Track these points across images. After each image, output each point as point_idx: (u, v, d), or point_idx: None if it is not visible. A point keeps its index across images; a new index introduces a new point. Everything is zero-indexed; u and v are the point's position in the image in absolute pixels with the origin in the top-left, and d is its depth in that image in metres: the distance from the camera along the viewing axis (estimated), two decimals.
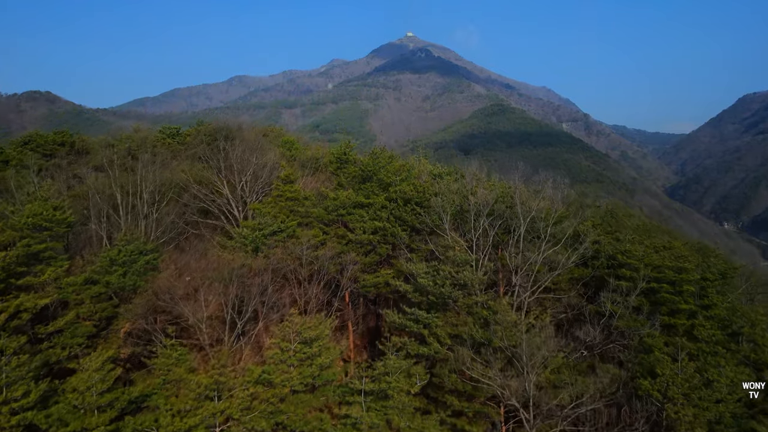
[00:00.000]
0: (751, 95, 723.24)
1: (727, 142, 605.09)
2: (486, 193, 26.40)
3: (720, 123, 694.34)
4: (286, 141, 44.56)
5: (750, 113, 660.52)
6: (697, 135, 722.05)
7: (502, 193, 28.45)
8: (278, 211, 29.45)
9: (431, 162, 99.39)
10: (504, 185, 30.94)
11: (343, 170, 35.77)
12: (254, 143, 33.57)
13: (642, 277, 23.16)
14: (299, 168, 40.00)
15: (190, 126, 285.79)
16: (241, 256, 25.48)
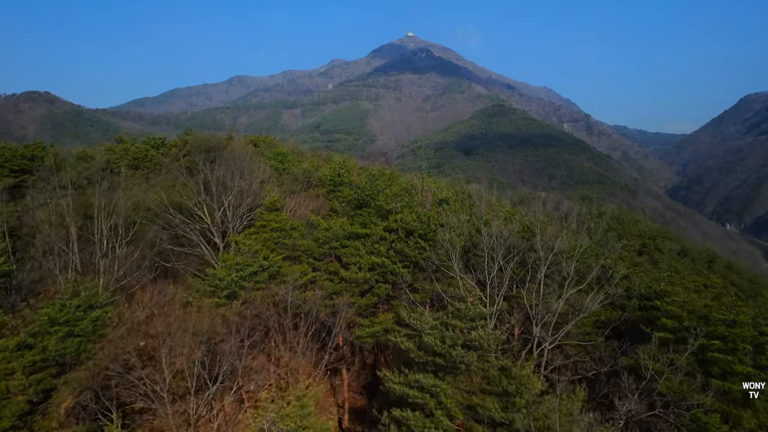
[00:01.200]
0: (752, 95, 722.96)
1: (728, 142, 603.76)
2: (500, 224, 23.09)
3: (721, 123, 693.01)
4: (278, 153, 40.97)
5: (752, 113, 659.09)
6: (698, 135, 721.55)
7: (521, 226, 24.69)
8: (261, 244, 25.78)
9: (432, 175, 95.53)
10: (519, 213, 27.46)
11: (337, 193, 32.32)
12: (239, 161, 30.34)
13: (690, 332, 19.26)
14: (293, 181, 36.74)
15: (190, 126, 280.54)
16: (215, 302, 22.04)
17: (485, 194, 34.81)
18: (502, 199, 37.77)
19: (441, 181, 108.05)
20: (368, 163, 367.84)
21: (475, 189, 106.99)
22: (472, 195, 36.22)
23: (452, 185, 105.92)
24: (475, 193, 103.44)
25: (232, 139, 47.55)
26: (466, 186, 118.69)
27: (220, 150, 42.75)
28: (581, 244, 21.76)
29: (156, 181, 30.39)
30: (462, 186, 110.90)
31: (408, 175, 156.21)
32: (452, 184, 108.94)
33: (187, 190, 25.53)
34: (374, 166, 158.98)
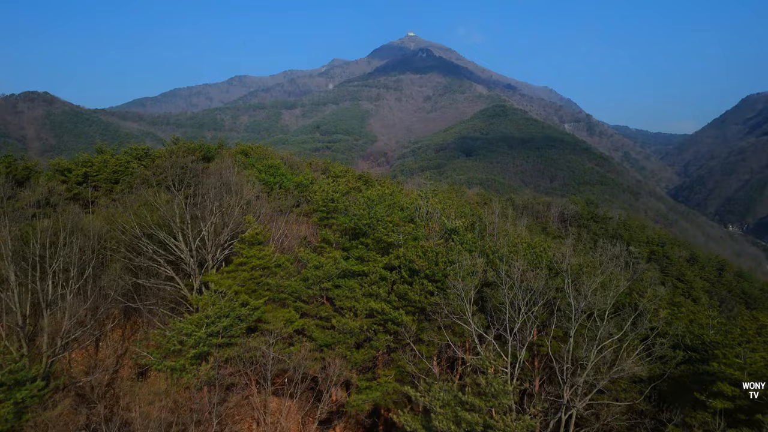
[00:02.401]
0: (754, 96, 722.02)
1: (730, 143, 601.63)
2: (523, 265, 19.60)
3: (723, 124, 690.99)
4: (270, 166, 37.50)
5: (754, 114, 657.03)
6: (700, 136, 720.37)
7: (547, 269, 20.90)
8: (241, 285, 22.16)
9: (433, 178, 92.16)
10: (541, 245, 23.69)
11: (330, 220, 28.24)
12: (225, 177, 27.22)
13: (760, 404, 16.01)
14: (285, 195, 33.62)
15: (190, 126, 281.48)
16: (180, 364, 17.94)
17: (497, 218, 30.96)
18: (518, 224, 33.34)
19: (441, 186, 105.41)
20: (369, 163, 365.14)
21: (479, 196, 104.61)
22: (483, 217, 32.63)
23: (452, 191, 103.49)
24: (479, 199, 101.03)
25: (223, 148, 44.38)
26: (466, 191, 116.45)
27: (211, 158, 39.75)
28: (618, 286, 18.57)
29: (129, 201, 26.99)
30: (462, 191, 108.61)
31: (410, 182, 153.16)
32: (452, 189, 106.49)
33: (156, 216, 22.17)
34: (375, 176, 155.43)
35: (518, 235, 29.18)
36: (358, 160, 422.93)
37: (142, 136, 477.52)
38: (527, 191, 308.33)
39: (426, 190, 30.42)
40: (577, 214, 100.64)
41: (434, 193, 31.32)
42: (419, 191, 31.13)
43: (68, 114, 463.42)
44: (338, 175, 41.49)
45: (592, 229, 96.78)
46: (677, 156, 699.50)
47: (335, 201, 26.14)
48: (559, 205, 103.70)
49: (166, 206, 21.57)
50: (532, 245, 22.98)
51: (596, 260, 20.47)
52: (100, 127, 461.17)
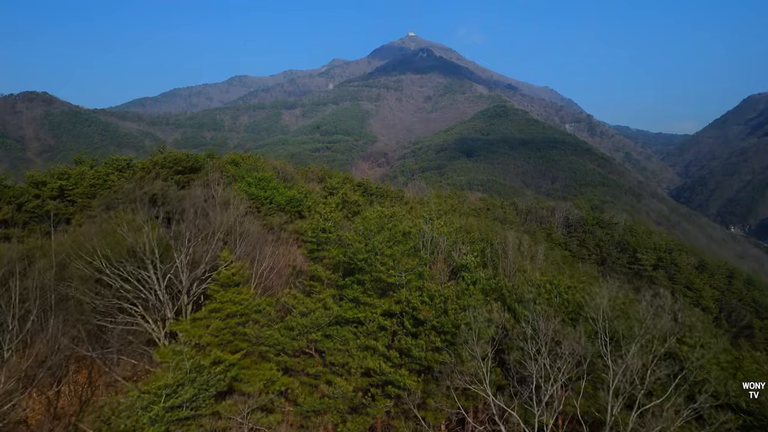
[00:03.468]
0: (756, 96, 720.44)
1: (732, 143, 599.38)
2: (555, 326, 16.39)
3: (724, 124, 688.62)
4: (260, 179, 34.51)
5: (755, 114, 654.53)
6: (701, 136, 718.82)
7: (582, 322, 17.92)
8: (214, 335, 18.76)
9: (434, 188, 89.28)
10: (577, 289, 20.20)
11: (322, 253, 24.37)
12: (204, 199, 24.57)
13: None
14: (276, 211, 30.97)
15: (189, 127, 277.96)
16: None
17: (510, 249, 27.06)
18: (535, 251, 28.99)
19: (441, 192, 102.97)
20: (369, 164, 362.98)
21: (481, 201, 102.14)
22: (493, 241, 29.56)
23: (454, 195, 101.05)
24: (482, 204, 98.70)
25: (213, 158, 41.54)
26: (468, 196, 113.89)
27: (198, 168, 37.00)
28: (663, 347, 15.79)
29: (94, 226, 23.88)
30: (464, 196, 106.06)
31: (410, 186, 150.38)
32: (454, 194, 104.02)
33: (123, 246, 19.33)
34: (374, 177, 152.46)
35: (540, 271, 26.04)
36: (358, 161, 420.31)
37: (141, 137, 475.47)
38: (528, 192, 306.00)
39: (430, 210, 27.60)
40: (582, 219, 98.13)
41: (439, 214, 28.53)
42: (422, 211, 28.33)
43: (67, 114, 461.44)
44: (334, 188, 38.68)
45: (598, 235, 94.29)
46: (678, 156, 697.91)
47: (327, 231, 23.67)
48: (564, 210, 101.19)
49: (135, 234, 18.91)
50: (556, 285, 20.08)
51: (639, 314, 17.73)
52: (99, 127, 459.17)
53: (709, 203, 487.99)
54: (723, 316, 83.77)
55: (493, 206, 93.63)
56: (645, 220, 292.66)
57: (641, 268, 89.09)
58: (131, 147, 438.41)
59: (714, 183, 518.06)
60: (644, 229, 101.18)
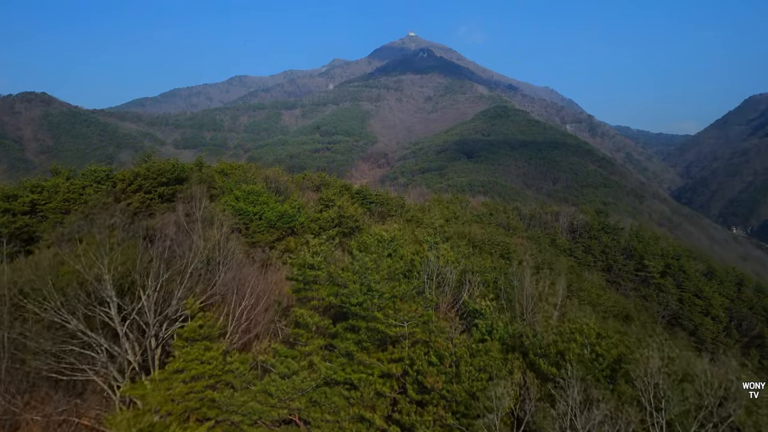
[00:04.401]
0: (757, 96, 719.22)
1: (733, 144, 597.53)
2: (592, 390, 13.65)
3: (726, 125, 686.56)
4: (250, 192, 30.70)
5: (757, 114, 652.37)
6: (702, 137, 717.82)
7: None
8: (177, 401, 15.74)
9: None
10: (614, 344, 16.40)
11: (310, 293, 20.21)
12: (184, 216, 22.02)
13: None
14: (266, 228, 28.46)
15: (189, 127, 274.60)
16: None
17: (527, 286, 23.16)
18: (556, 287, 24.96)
19: (443, 197, 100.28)
20: (369, 164, 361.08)
21: (484, 205, 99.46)
22: (507, 270, 26.53)
23: (456, 200, 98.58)
24: (486, 209, 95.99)
25: (202, 167, 38.79)
26: (470, 201, 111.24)
27: (185, 179, 34.30)
28: None
29: (46, 253, 21.01)
30: (466, 201, 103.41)
31: (411, 191, 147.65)
32: (456, 199, 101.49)
33: (75, 283, 16.51)
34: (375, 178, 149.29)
35: (562, 310, 23.21)
36: (358, 161, 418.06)
37: (140, 137, 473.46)
38: (530, 194, 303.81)
39: (434, 230, 25.05)
40: (587, 224, 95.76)
41: (445, 237, 26.01)
42: (426, 235, 25.62)
43: (66, 114, 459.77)
44: (330, 201, 35.94)
45: (604, 241, 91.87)
46: (679, 157, 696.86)
47: (315, 267, 20.33)
48: (568, 215, 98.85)
49: (92, 266, 16.30)
50: (587, 334, 17.06)
51: (696, 379, 15.12)
52: (98, 127, 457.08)
53: (710, 204, 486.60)
54: (733, 326, 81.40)
55: (496, 211, 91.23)
56: (647, 221, 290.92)
57: (648, 275, 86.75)
58: (130, 147, 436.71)
59: (715, 184, 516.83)
60: (651, 234, 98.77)
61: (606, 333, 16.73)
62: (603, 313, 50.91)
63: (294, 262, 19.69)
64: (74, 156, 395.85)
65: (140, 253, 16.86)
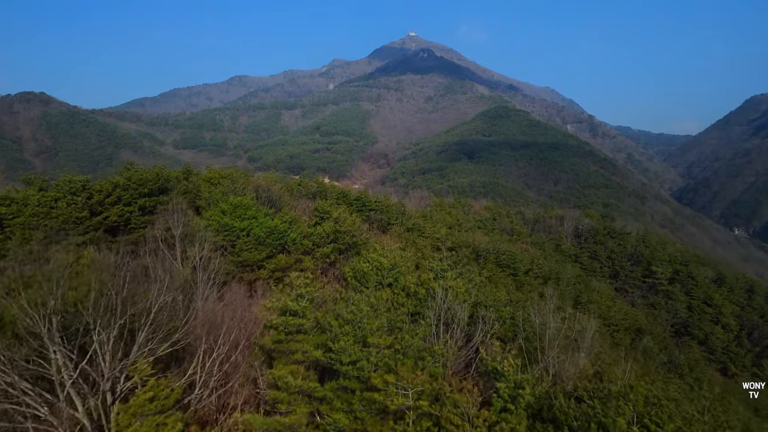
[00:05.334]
0: (759, 96, 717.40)
1: (735, 144, 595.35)
2: None
3: (727, 125, 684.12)
4: (237, 206, 27.89)
5: (758, 115, 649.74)
6: (703, 137, 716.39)
7: None
8: None
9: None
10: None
11: (293, 344, 16.75)
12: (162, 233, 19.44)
13: None
14: (254, 246, 25.67)
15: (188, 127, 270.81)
16: None
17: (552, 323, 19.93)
18: (584, 329, 21.45)
19: (444, 201, 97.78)
20: (369, 165, 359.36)
21: (487, 209, 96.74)
22: (526, 306, 22.97)
23: (458, 204, 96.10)
24: (489, 213, 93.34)
25: (190, 174, 36.00)
26: (473, 205, 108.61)
27: (169, 189, 31.53)
28: None
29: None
30: (468, 205, 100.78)
31: (412, 193, 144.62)
32: (458, 202, 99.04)
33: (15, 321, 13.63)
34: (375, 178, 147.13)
35: (597, 361, 20.07)
36: (358, 162, 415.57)
37: (140, 137, 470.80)
38: (531, 195, 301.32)
39: (442, 260, 22.18)
40: (593, 228, 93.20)
41: (454, 263, 23.17)
42: (432, 262, 22.57)
43: (65, 115, 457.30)
44: (326, 213, 33.21)
45: (610, 246, 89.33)
46: (680, 157, 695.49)
47: (299, 314, 16.77)
48: (573, 219, 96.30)
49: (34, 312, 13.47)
50: (634, 401, 14.09)
51: None
52: (97, 127, 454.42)
53: (712, 205, 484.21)
54: (744, 334, 78.88)
55: (500, 215, 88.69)
56: (649, 222, 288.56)
57: (656, 282, 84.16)
58: (129, 148, 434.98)
59: (717, 184, 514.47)
60: (657, 239, 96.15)
61: (657, 397, 14.12)
62: (614, 326, 48.56)
63: (275, 307, 16.94)
64: (73, 156, 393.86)
65: (95, 288, 14.29)
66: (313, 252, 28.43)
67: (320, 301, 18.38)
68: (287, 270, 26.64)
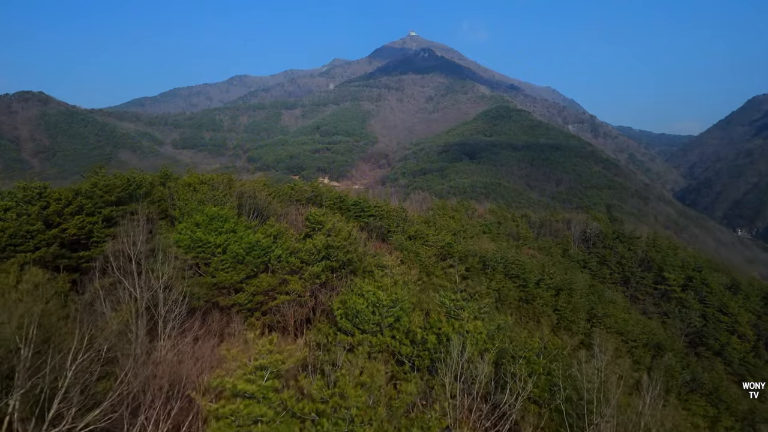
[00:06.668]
0: (761, 96, 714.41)
1: (737, 144, 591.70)
2: None
3: (729, 125, 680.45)
4: (213, 217, 24.31)
5: (760, 115, 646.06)
6: (705, 137, 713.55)
7: None
8: None
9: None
10: None
11: (262, 427, 11.88)
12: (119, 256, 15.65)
13: None
14: (232, 264, 21.61)
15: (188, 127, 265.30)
16: None
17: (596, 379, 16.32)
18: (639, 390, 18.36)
19: (447, 204, 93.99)
20: (370, 165, 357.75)
21: (491, 213, 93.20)
22: (559, 355, 18.79)
23: (461, 207, 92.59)
24: (493, 217, 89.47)
25: (169, 179, 32.06)
26: (476, 208, 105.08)
27: (146, 194, 27.57)
28: None
29: None
30: (472, 208, 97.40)
31: (413, 196, 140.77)
32: (461, 205, 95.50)
33: None
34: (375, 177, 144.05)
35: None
36: (358, 162, 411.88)
37: (139, 137, 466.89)
38: (533, 196, 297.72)
39: (455, 291, 18.38)
40: (601, 233, 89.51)
41: (470, 294, 19.25)
42: (443, 297, 18.58)
43: (63, 114, 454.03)
44: (319, 223, 29.24)
45: (619, 251, 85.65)
46: (682, 158, 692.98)
47: (258, 397, 11.58)
48: (580, 222, 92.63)
49: None
50: None
51: None
52: (96, 127, 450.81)
53: (714, 206, 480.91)
54: (762, 344, 75.19)
55: (505, 219, 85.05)
56: (653, 224, 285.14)
57: (669, 289, 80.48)
58: (128, 147, 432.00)
59: (720, 185, 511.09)
60: (669, 243, 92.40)
61: None
62: (632, 342, 45.01)
63: (225, 386, 12.49)
64: (71, 156, 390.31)
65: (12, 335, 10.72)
66: (301, 271, 24.74)
67: (294, 369, 14.13)
68: (270, 293, 22.89)
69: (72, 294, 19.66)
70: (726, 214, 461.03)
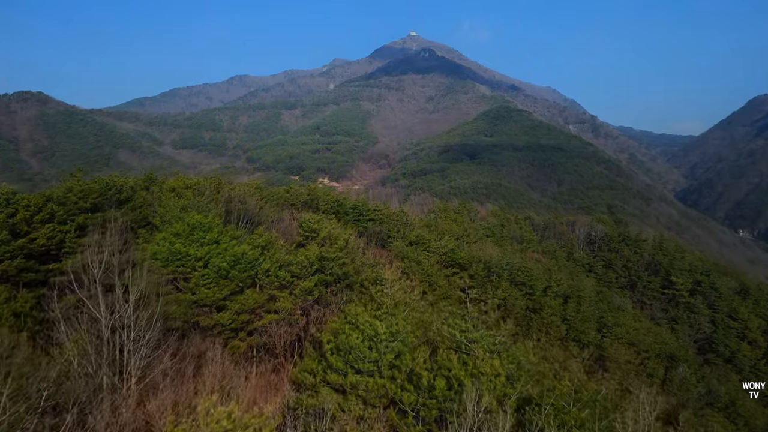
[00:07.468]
0: (762, 96, 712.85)
1: (738, 145, 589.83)
2: None
3: (730, 125, 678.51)
4: (194, 227, 21.94)
5: (761, 115, 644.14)
6: (706, 137, 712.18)
7: None
8: None
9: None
10: None
11: None
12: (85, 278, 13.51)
13: None
14: (215, 280, 19.21)
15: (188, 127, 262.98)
16: None
17: None
18: None
19: (448, 206, 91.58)
20: (370, 165, 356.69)
21: (494, 215, 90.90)
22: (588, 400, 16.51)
23: (464, 209, 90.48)
24: (497, 219, 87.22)
25: (153, 183, 29.74)
26: (479, 209, 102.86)
27: (126, 200, 25.40)
28: None
29: None
30: (474, 210, 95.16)
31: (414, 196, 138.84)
32: (463, 207, 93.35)
33: None
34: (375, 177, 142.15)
35: None
36: (358, 162, 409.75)
37: (138, 137, 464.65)
38: (534, 197, 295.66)
39: (467, 318, 15.96)
40: (606, 235, 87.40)
41: (484, 324, 16.68)
42: (451, 326, 15.98)
43: (62, 114, 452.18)
44: (314, 231, 27.01)
45: (625, 254, 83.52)
46: (683, 158, 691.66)
47: None
48: (585, 225, 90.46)
49: None
50: None
51: None
52: (95, 127, 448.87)
53: (716, 206, 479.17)
54: None
55: (508, 221, 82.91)
56: (655, 224, 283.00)
57: (676, 294, 78.34)
58: (127, 147, 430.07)
59: (721, 185, 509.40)
60: (676, 246, 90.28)
61: None
62: (644, 353, 42.91)
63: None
64: (70, 156, 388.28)
65: None
66: (291, 286, 22.50)
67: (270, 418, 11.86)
68: (257, 311, 20.60)
69: (35, 313, 17.58)
70: (727, 215, 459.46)
